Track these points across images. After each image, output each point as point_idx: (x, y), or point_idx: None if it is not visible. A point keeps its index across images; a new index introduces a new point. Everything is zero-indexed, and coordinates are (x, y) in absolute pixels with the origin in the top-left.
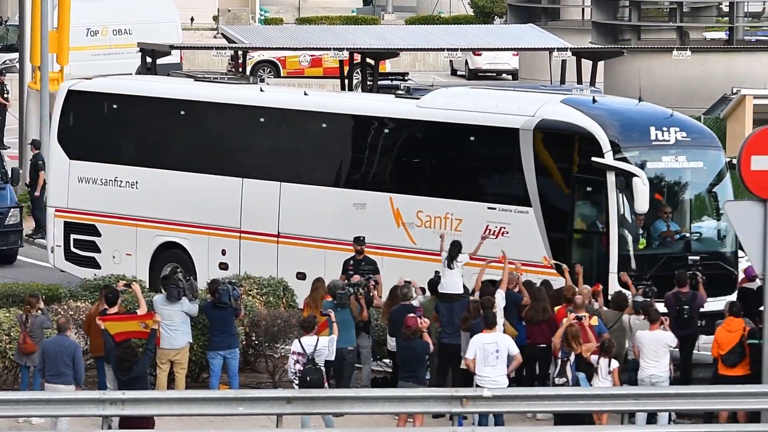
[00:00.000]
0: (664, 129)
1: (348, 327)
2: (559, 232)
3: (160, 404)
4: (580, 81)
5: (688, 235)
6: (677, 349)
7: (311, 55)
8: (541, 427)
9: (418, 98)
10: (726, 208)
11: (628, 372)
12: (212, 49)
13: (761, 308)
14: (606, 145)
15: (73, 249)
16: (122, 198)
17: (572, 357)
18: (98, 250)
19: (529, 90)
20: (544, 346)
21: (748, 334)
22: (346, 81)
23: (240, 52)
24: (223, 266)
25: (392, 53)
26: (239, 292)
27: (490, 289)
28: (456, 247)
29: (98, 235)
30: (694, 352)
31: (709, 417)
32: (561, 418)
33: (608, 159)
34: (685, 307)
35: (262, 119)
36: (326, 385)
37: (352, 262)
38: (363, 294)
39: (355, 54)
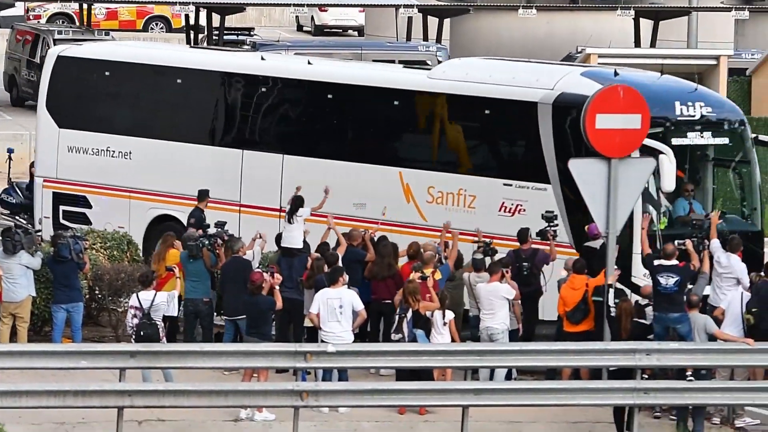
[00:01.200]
0: (689, 104)
1: (202, 279)
2: (578, 211)
3: (2, 357)
4: (426, 38)
5: (712, 214)
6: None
7: (107, 8)
8: (385, 383)
9: (429, 68)
10: (570, 165)
11: (471, 328)
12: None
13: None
14: None
15: (62, 221)
16: (115, 169)
17: (409, 313)
18: (89, 223)
19: (540, 61)
20: (389, 301)
21: (593, 291)
22: (192, 35)
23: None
24: None
25: (238, 8)
26: (83, 246)
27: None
28: (296, 202)
29: (89, 207)
30: None
31: (552, 374)
32: (404, 374)
33: None
34: (525, 263)
35: (263, 89)
36: (163, 340)
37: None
38: (221, 245)
39: (200, 8)
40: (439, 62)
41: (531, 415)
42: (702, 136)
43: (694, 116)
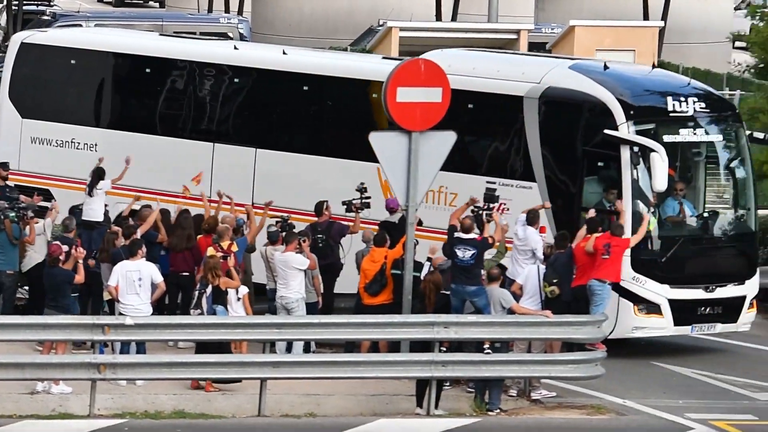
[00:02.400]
0: (682, 99)
1: (6, 250)
2: (565, 210)
3: None
4: (227, 10)
5: (705, 214)
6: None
7: None
8: (183, 356)
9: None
10: (370, 138)
11: (268, 301)
12: None
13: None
14: (621, 117)
15: None
16: (80, 161)
17: (209, 289)
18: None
19: (527, 54)
20: (187, 274)
21: (392, 264)
22: None
23: None
24: None
25: None
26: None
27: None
28: (97, 174)
29: (52, 200)
30: None
31: (351, 346)
32: (202, 347)
33: (623, 132)
34: (320, 236)
35: (237, 80)
36: None
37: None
38: (30, 217)
39: None
40: (241, 35)
41: (329, 387)
42: (695, 133)
43: (686, 112)
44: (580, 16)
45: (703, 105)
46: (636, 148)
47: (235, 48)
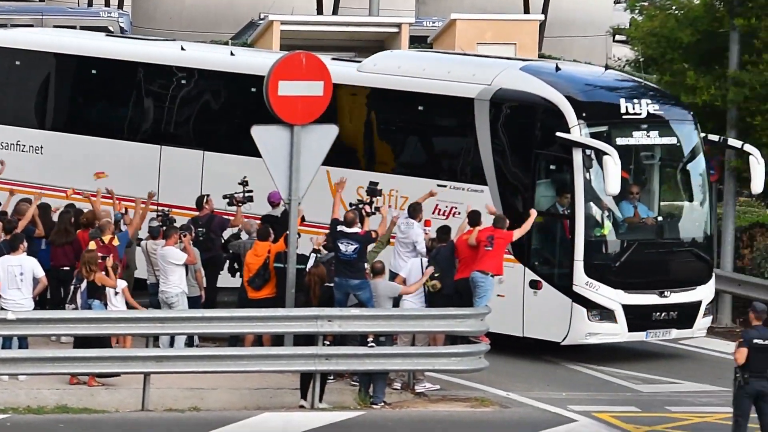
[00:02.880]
0: (635, 101)
1: None
2: (517, 214)
3: None
4: (108, 4)
5: (660, 218)
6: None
7: None
8: (65, 350)
9: (359, 61)
10: (252, 132)
11: (150, 296)
12: None
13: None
14: (572, 119)
15: None
16: (25, 164)
17: (84, 284)
18: None
19: (479, 55)
20: (68, 268)
21: (275, 258)
22: None
23: None
24: None
25: None
26: None
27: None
28: None
29: None
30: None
31: (235, 340)
32: (81, 342)
33: (575, 134)
34: (200, 229)
35: (183, 80)
36: None
37: None
38: None
39: None
40: (122, 28)
41: (213, 382)
42: (648, 136)
43: (640, 114)
44: (460, 9)
45: (656, 107)
46: (588, 151)
47: (182, 49)
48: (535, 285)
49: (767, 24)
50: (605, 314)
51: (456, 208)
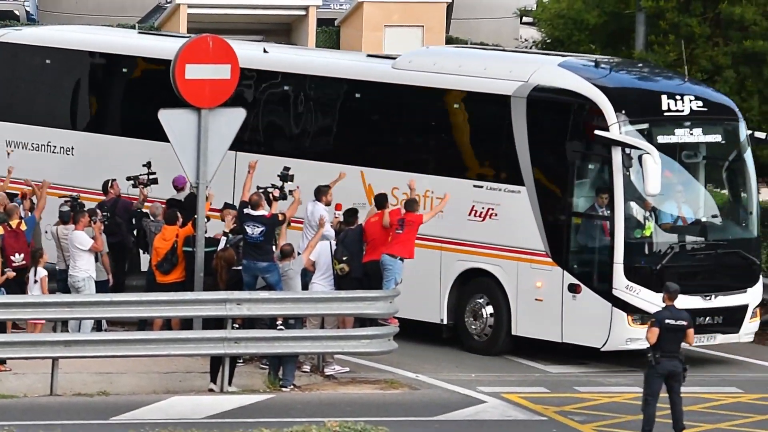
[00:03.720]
0: (678, 98)
1: None
2: (555, 215)
3: None
4: None
5: (704, 218)
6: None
7: None
8: None
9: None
10: (159, 116)
11: (57, 281)
12: None
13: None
14: (611, 117)
15: None
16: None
17: None
18: None
19: (517, 50)
20: None
21: (183, 242)
22: None
23: None
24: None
25: None
26: None
27: None
28: None
29: None
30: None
31: (144, 324)
32: None
33: (614, 133)
34: (105, 213)
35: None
36: None
37: None
38: None
39: None
40: (28, 13)
41: (122, 366)
42: (691, 134)
43: (682, 111)
44: None
45: (700, 103)
46: (628, 150)
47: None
48: (573, 289)
49: (673, 5)
50: (647, 319)
51: (493, 209)
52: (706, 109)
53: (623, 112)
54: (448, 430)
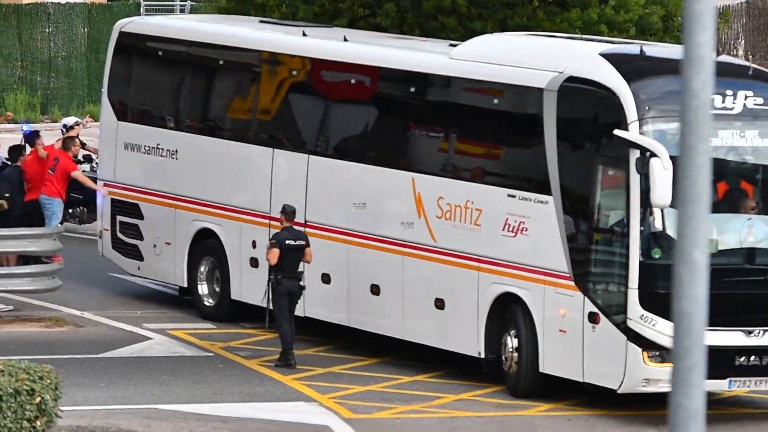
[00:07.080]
0: (729, 93)
1: None
2: (578, 231)
3: None
4: None
5: (748, 238)
6: None
7: None
8: None
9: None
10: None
11: None
12: None
13: None
14: (632, 113)
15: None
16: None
17: None
18: (141, 238)
19: (570, 37)
20: None
21: None
22: None
23: None
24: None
25: None
26: None
27: None
28: None
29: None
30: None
31: None
32: None
33: (633, 132)
34: None
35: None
36: None
37: None
38: None
39: None
40: None
41: None
42: (742, 136)
43: (732, 109)
44: None
45: (760, 101)
46: (647, 153)
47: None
48: (593, 318)
49: None
50: (668, 356)
51: (524, 223)
52: (765, 108)
53: (647, 108)
54: (113, 366)
